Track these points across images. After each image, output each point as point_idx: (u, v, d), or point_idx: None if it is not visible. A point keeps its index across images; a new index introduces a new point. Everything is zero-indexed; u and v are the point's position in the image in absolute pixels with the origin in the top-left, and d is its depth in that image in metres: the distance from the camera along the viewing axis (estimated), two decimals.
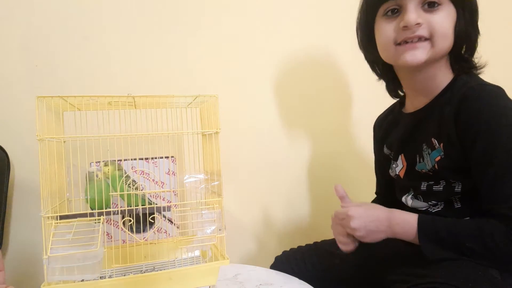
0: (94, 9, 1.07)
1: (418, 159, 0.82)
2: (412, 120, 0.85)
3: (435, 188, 0.80)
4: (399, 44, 0.78)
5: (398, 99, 0.96)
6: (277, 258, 1.02)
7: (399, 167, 0.89)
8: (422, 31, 0.76)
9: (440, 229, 0.72)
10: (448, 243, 0.71)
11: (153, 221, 0.82)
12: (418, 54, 0.76)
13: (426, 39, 0.76)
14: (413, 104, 0.87)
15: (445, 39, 0.76)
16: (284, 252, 1.02)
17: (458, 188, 0.77)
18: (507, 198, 0.68)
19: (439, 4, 0.75)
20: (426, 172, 0.80)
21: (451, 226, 0.72)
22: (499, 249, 0.67)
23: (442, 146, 0.77)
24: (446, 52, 0.78)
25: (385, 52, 0.82)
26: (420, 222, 0.74)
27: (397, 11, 0.78)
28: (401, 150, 0.88)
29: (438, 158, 0.77)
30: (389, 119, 0.97)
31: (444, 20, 0.76)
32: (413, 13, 0.75)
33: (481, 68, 0.82)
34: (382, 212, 0.79)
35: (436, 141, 0.77)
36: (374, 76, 0.94)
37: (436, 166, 0.78)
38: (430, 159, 0.79)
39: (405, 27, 0.76)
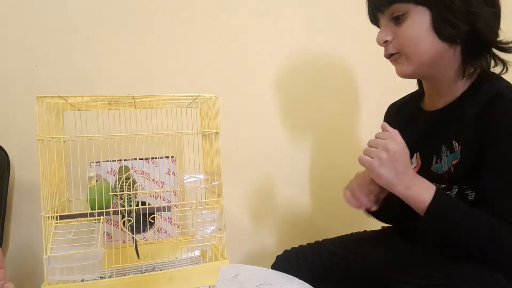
0: (94, 9, 1.07)
1: (435, 160, 0.81)
2: (432, 119, 0.83)
3: (447, 193, 0.79)
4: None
5: (415, 91, 0.94)
6: (278, 257, 1.02)
7: (412, 165, 0.87)
8: (390, 49, 0.79)
9: (453, 213, 0.69)
10: (454, 230, 0.69)
11: (153, 221, 0.82)
12: (402, 68, 0.79)
13: (398, 52, 0.78)
14: (432, 103, 0.85)
15: (418, 44, 0.75)
16: (286, 251, 1.02)
17: (471, 197, 0.76)
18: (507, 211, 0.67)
19: (403, 15, 0.75)
20: (441, 174, 0.79)
21: (465, 215, 0.69)
22: (504, 257, 0.67)
23: (460, 148, 0.75)
24: (430, 53, 0.75)
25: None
26: (436, 196, 0.70)
27: None
28: (417, 148, 0.86)
29: (455, 161, 0.76)
30: (405, 111, 0.95)
31: (409, 29, 0.74)
32: (380, 33, 0.79)
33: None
34: (411, 167, 0.75)
35: (456, 143, 0.76)
36: (375, 76, 0.94)
37: (452, 169, 0.76)
38: (447, 161, 0.78)
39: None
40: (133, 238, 0.83)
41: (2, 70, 1.01)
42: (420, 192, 0.71)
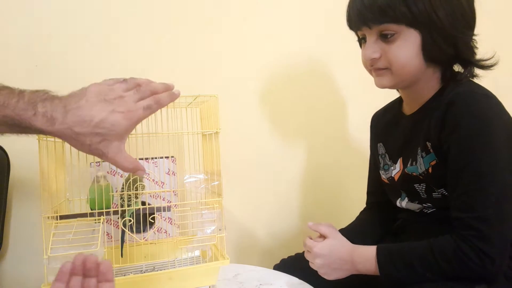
0: (94, 9, 1.07)
1: (410, 162, 0.83)
2: (409, 123, 0.86)
3: (434, 195, 0.80)
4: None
5: (396, 98, 0.96)
6: (278, 264, 1.01)
7: (396, 170, 0.89)
8: (379, 64, 0.78)
9: (398, 264, 0.74)
10: (408, 277, 0.73)
11: (153, 221, 0.82)
12: (383, 80, 0.80)
13: (386, 68, 0.78)
14: (410, 107, 0.87)
15: (405, 66, 0.76)
16: (283, 261, 1.01)
17: (437, 194, 0.78)
18: (470, 209, 0.69)
19: (393, 34, 0.74)
20: (416, 176, 0.81)
21: (407, 258, 0.73)
22: (453, 269, 0.69)
23: (433, 149, 0.77)
24: (413, 74, 0.77)
25: (367, 71, 0.85)
26: (378, 261, 0.76)
27: (365, 39, 0.80)
28: (400, 153, 0.88)
29: (434, 162, 0.77)
30: (388, 117, 0.97)
31: (400, 50, 0.75)
32: (369, 49, 0.78)
33: (489, 67, 0.79)
34: (346, 250, 0.81)
35: (429, 144, 0.77)
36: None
37: (430, 170, 0.78)
38: (423, 163, 0.79)
39: (365, 61, 0.80)
40: (121, 238, 0.83)
41: (2, 70, 1.01)
42: (367, 268, 0.78)
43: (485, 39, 0.82)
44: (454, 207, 0.73)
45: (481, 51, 0.80)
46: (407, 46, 0.75)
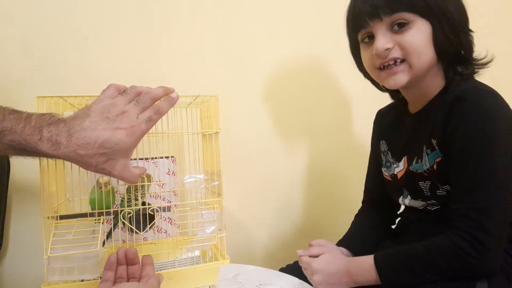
0: (94, 9, 1.07)
1: (416, 160, 0.83)
2: (414, 121, 0.86)
3: (438, 192, 0.80)
4: (380, 69, 0.80)
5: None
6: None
7: (399, 168, 0.89)
8: (395, 53, 0.77)
9: (397, 268, 0.74)
10: (409, 280, 0.73)
11: (153, 221, 0.82)
12: (398, 78, 0.78)
13: (402, 61, 0.77)
14: (414, 106, 0.88)
15: (421, 55, 0.76)
16: (281, 270, 1.01)
17: (441, 192, 0.79)
18: (470, 200, 0.70)
19: (407, 23, 0.75)
20: (421, 173, 0.81)
21: (405, 261, 0.74)
22: (451, 265, 0.69)
23: (438, 147, 0.77)
24: (428, 66, 0.78)
25: (372, 75, 0.85)
26: (378, 269, 0.75)
27: (371, 37, 0.79)
28: (404, 151, 0.88)
29: (439, 159, 0.77)
30: (393, 115, 0.97)
31: (415, 38, 0.75)
32: (380, 40, 0.76)
33: (484, 65, 0.81)
34: (342, 263, 0.80)
35: (434, 141, 0.78)
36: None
37: (435, 167, 0.78)
38: (428, 159, 0.79)
39: (377, 54, 0.78)
40: (107, 233, 0.82)
41: (2, 70, 1.01)
42: (365, 278, 0.77)
43: (483, 38, 0.83)
44: (454, 199, 0.73)
45: (475, 50, 0.82)
46: (421, 35, 0.75)
